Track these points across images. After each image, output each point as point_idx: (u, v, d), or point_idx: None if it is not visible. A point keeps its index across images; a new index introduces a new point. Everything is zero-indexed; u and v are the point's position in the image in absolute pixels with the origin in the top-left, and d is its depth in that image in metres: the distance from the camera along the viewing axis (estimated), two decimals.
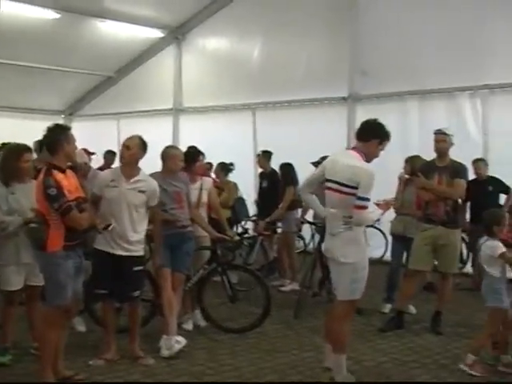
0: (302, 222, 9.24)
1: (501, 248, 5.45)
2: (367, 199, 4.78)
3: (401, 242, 7.63)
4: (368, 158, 4.98)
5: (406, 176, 7.56)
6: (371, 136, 5.00)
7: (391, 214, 7.26)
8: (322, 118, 11.73)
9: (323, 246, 5.36)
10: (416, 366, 5.76)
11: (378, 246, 10.09)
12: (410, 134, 10.54)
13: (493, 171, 9.18)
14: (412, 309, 7.51)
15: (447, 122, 9.89)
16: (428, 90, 10.66)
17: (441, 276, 7.03)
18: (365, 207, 4.78)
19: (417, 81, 10.63)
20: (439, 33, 10.30)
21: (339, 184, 4.87)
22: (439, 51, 10.31)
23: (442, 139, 6.70)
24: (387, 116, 10.92)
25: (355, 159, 4.94)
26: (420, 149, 7.51)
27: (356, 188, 4.76)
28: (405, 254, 7.58)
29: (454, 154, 7.01)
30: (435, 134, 6.77)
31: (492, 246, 5.51)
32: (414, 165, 7.41)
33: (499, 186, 8.61)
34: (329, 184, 5.01)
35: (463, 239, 8.67)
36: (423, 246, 6.77)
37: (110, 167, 9.46)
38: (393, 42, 10.83)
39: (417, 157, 7.67)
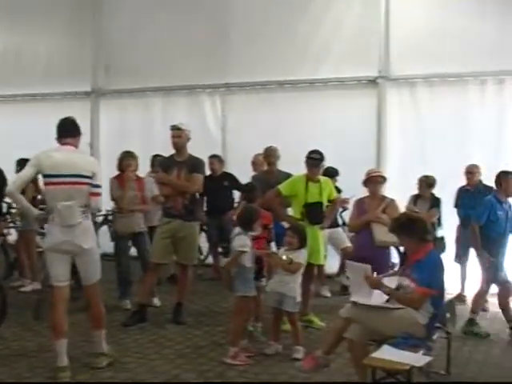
0: None
1: (247, 246, 5.72)
2: (100, 186, 5.37)
3: (126, 238, 7.69)
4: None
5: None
6: (78, 132, 5.48)
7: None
8: (68, 112, 11.29)
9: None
10: (156, 357, 5.83)
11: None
12: (154, 130, 10.67)
13: (230, 168, 9.71)
14: (156, 301, 7.64)
15: (188, 118, 10.21)
16: (170, 86, 10.89)
17: (181, 268, 7.20)
18: (100, 193, 5.38)
19: (160, 77, 10.80)
20: (183, 32, 10.53)
21: (76, 176, 5.19)
22: (182, 50, 10.57)
23: (177, 134, 6.84)
24: (131, 111, 11.22)
25: (78, 152, 5.44)
26: (163, 144, 7.65)
27: (91, 177, 5.24)
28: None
29: (196, 149, 7.22)
30: (171, 129, 6.90)
31: (240, 239, 5.78)
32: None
33: (233, 181, 9.05)
34: (56, 179, 5.17)
35: (203, 231, 9.09)
36: (163, 240, 6.90)
37: None
38: (137, 40, 10.92)
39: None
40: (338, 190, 8.07)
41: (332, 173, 8.20)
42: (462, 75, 8.96)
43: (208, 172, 8.40)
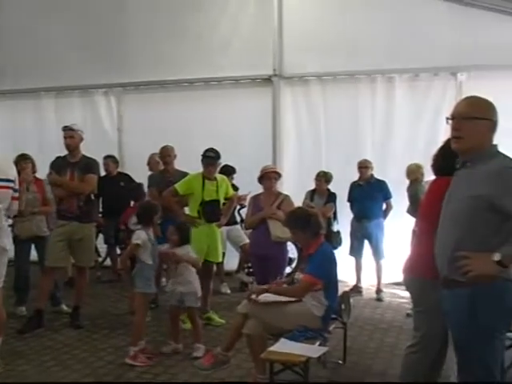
0: None
1: (141, 239, 5.72)
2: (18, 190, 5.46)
3: (27, 242, 7.42)
4: None
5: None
6: None
7: None
8: None
9: None
10: (53, 364, 5.69)
11: None
12: (47, 131, 10.35)
13: (127, 168, 9.62)
14: (64, 307, 7.45)
15: (84, 118, 10.07)
16: (64, 86, 10.63)
17: (78, 270, 7.08)
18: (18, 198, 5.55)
19: (53, 77, 10.50)
20: (77, 32, 10.29)
21: (5, 181, 5.19)
22: (76, 49, 10.30)
23: (69, 135, 6.73)
24: (24, 112, 10.85)
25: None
26: (58, 146, 7.44)
27: (13, 181, 5.27)
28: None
29: (92, 150, 7.16)
30: (63, 130, 6.79)
31: (136, 233, 5.80)
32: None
33: (129, 182, 8.94)
34: None
35: (101, 233, 8.94)
36: (58, 243, 6.74)
37: None
38: (29, 40, 10.53)
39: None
40: (235, 188, 8.14)
41: (229, 171, 8.27)
42: (354, 73, 9.21)
43: (103, 173, 8.27)
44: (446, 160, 3.82)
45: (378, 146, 9.16)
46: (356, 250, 8.63)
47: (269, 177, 6.70)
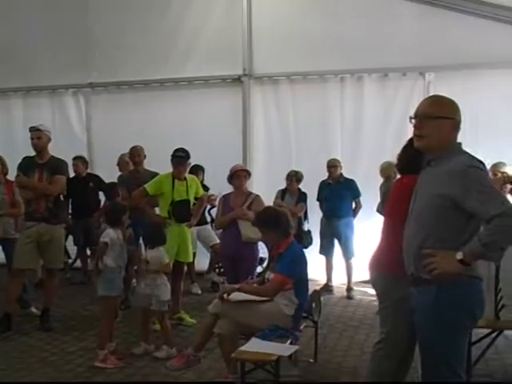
0: None
1: (108, 237, 5.68)
2: None
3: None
4: None
5: None
6: None
7: None
8: None
9: None
10: (22, 367, 5.60)
11: None
12: (15, 132, 10.24)
13: (96, 169, 9.59)
14: (34, 309, 7.35)
15: (52, 119, 10.00)
16: (32, 86, 10.52)
17: (47, 272, 7.00)
18: None
19: (21, 77, 10.40)
20: (45, 31, 10.19)
21: None
22: (44, 49, 10.23)
23: (36, 136, 6.66)
24: None
25: None
26: (25, 146, 7.35)
27: None
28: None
29: (60, 151, 7.12)
30: (30, 131, 6.72)
31: (106, 232, 5.75)
32: None
33: (98, 182, 8.91)
34: None
35: (71, 234, 8.86)
36: (27, 244, 6.66)
37: None
38: None
39: None
40: (206, 188, 8.13)
41: (198, 170, 8.25)
42: (323, 73, 9.26)
43: (72, 174, 8.20)
44: (409, 158, 3.87)
45: (348, 145, 9.21)
46: (326, 249, 8.67)
47: (238, 175, 6.69)
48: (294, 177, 8.54)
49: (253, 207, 6.53)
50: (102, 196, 8.82)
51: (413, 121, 3.40)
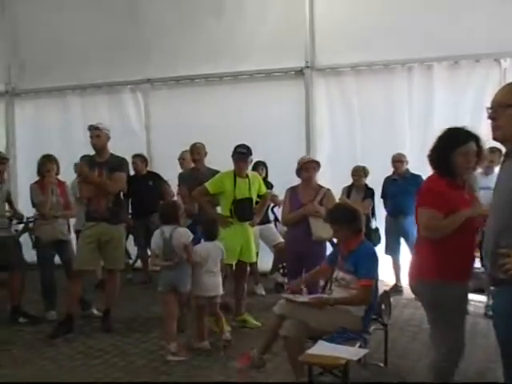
0: None
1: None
2: None
3: (50, 246, 7.26)
4: None
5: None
6: None
7: None
8: None
9: None
10: (84, 369, 5.54)
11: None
12: (74, 130, 10.15)
13: (155, 166, 9.45)
14: (95, 310, 7.28)
15: (110, 116, 9.89)
16: (88, 84, 10.46)
17: (108, 273, 6.91)
18: None
19: (77, 76, 10.36)
20: (100, 29, 10.06)
21: None
22: (100, 46, 10.09)
23: (96, 134, 6.56)
24: (48, 112, 10.73)
25: None
26: (85, 145, 7.26)
27: None
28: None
29: (119, 148, 6.98)
30: (89, 129, 6.62)
31: (180, 232, 5.78)
32: None
33: (159, 180, 8.79)
34: None
35: (131, 234, 8.76)
36: (87, 245, 6.57)
37: None
38: (53, 37, 10.31)
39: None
40: (269, 185, 7.89)
41: (260, 166, 8.04)
42: (388, 63, 8.89)
43: (132, 172, 8.09)
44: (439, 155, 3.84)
45: (415, 139, 8.76)
46: (392, 248, 8.29)
47: (307, 168, 6.30)
48: (362, 171, 8.21)
49: (324, 203, 6.21)
50: None
51: (489, 111, 3.16)
